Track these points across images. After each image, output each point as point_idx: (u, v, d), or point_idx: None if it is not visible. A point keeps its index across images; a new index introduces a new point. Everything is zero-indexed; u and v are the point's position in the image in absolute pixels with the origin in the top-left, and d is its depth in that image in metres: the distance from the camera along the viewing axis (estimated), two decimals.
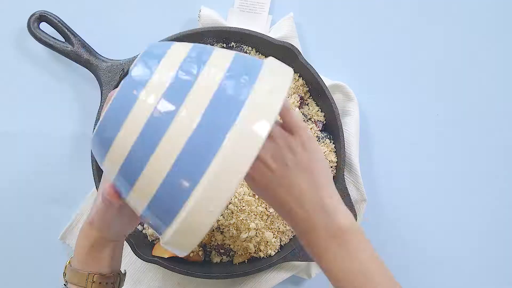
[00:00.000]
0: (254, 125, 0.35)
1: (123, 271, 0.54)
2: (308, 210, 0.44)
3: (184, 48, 0.39)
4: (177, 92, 0.35)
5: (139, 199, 0.38)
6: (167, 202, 0.36)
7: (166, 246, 0.39)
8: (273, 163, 0.44)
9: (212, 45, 0.70)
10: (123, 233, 0.52)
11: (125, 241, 0.65)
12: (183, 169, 0.34)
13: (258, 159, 0.44)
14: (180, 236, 0.36)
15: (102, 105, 0.66)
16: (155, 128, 0.35)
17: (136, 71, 0.37)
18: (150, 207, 0.37)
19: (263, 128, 0.35)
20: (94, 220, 0.49)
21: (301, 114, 0.69)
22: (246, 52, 0.70)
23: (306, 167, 0.45)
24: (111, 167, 0.39)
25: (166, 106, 0.35)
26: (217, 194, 0.34)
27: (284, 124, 0.47)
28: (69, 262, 0.51)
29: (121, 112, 0.36)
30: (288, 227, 0.68)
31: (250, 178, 0.45)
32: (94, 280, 0.49)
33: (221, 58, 0.39)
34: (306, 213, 0.44)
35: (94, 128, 0.65)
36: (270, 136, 0.45)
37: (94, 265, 0.50)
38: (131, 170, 0.37)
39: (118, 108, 0.36)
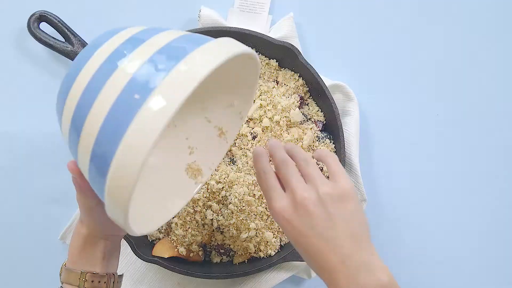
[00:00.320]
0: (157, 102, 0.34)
1: (119, 273, 0.54)
2: (349, 266, 0.42)
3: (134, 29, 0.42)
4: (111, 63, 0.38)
5: (83, 160, 0.39)
6: (101, 162, 0.37)
7: (110, 216, 0.39)
8: (315, 210, 0.43)
9: None
10: (113, 232, 0.51)
11: (125, 241, 0.66)
12: (108, 130, 0.36)
13: (298, 200, 0.43)
14: (112, 196, 0.36)
15: None
16: (94, 87, 0.37)
17: (93, 43, 0.41)
18: (91, 168, 0.38)
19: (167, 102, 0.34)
20: (82, 216, 0.50)
21: (301, 114, 0.69)
22: None
23: (349, 219, 0.44)
24: (64, 128, 0.41)
25: (103, 71, 0.38)
26: (136, 150, 0.34)
27: (329, 171, 0.46)
28: (64, 264, 0.52)
29: (75, 71, 0.40)
30: None
31: (288, 223, 0.44)
32: (87, 278, 0.49)
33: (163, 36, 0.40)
34: (346, 268, 0.42)
35: None
36: (314, 182, 0.44)
37: (86, 263, 0.50)
38: (76, 127, 0.39)
39: (73, 68, 0.41)
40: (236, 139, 0.68)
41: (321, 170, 0.64)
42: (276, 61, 0.70)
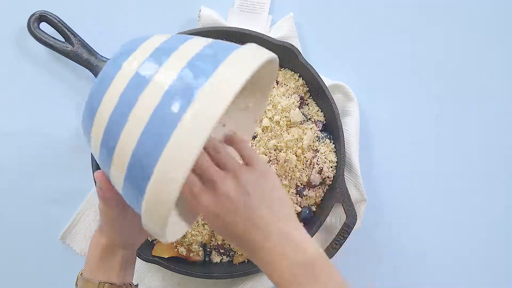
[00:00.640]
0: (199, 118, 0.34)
1: (135, 283, 0.54)
2: (275, 242, 0.44)
3: (162, 37, 0.41)
4: (144, 75, 0.38)
5: (117, 173, 0.38)
6: (138, 175, 0.36)
7: (146, 227, 0.39)
8: (235, 196, 0.44)
9: None
10: (132, 241, 0.51)
11: None
12: (146, 145, 0.36)
13: (220, 193, 0.44)
14: (151, 208, 0.36)
15: None
16: (127, 101, 0.37)
17: (116, 56, 0.41)
18: (126, 182, 0.38)
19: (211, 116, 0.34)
20: (102, 226, 0.49)
21: (301, 114, 0.69)
22: None
23: (269, 198, 0.45)
24: (95, 142, 0.40)
25: (137, 82, 0.38)
26: (176, 164, 0.34)
27: (242, 157, 0.48)
28: (81, 273, 0.51)
29: (102, 87, 0.39)
30: None
31: (216, 216, 0.44)
32: None
33: (192, 45, 0.39)
34: (272, 244, 0.44)
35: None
36: (228, 171, 0.45)
37: (104, 274, 0.49)
38: (108, 141, 0.38)
39: (99, 85, 0.40)
40: None
41: None
42: None
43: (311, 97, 0.71)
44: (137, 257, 0.66)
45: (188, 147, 0.33)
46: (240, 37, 0.69)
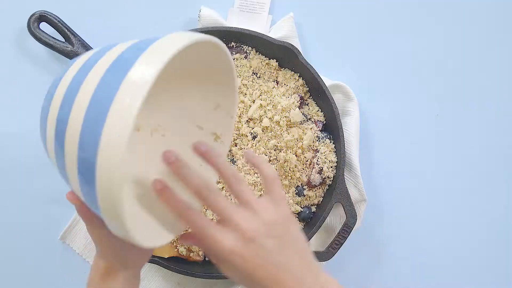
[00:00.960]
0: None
1: None
2: (305, 285, 0.42)
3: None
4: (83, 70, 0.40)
5: (72, 173, 0.40)
6: (86, 164, 0.37)
7: (108, 224, 0.39)
8: (265, 241, 0.42)
9: None
10: (132, 261, 0.49)
11: None
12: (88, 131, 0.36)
13: (247, 236, 0.41)
14: (104, 189, 0.36)
15: None
16: (70, 94, 0.39)
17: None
18: (79, 178, 0.39)
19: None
20: (97, 248, 0.48)
21: (301, 114, 0.69)
22: (246, 52, 0.70)
23: (296, 243, 0.44)
24: (49, 144, 0.44)
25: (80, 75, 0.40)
26: (115, 138, 0.34)
27: (267, 187, 0.45)
28: None
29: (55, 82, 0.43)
30: None
31: (242, 259, 0.42)
32: None
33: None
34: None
35: None
36: (255, 210, 0.43)
37: None
38: (59, 143, 0.41)
39: (50, 90, 0.44)
40: (236, 139, 0.68)
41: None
42: (276, 61, 0.70)
43: (311, 97, 0.71)
44: None
45: (124, 119, 0.34)
46: (240, 37, 0.69)
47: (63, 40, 0.68)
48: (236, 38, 0.69)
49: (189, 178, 0.42)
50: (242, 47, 0.70)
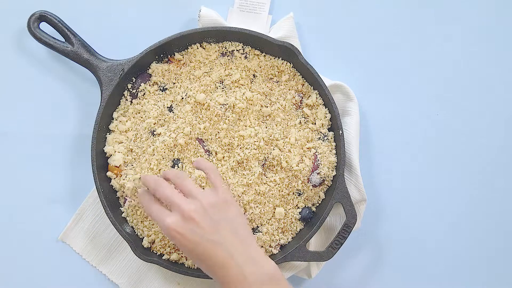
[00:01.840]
0: None
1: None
2: (239, 262, 0.50)
3: None
4: None
5: None
6: None
7: None
8: (202, 219, 0.51)
9: (211, 44, 0.70)
10: None
11: (125, 241, 0.66)
12: None
13: (186, 215, 0.51)
14: None
15: (102, 105, 0.66)
16: None
17: None
18: None
19: None
20: None
21: (301, 114, 0.69)
22: (245, 52, 0.70)
23: (232, 222, 0.52)
24: None
25: None
26: None
27: (209, 181, 0.55)
28: None
29: None
30: (289, 227, 0.68)
31: (181, 235, 0.51)
32: None
33: None
34: (237, 265, 0.50)
35: (94, 128, 0.65)
36: (195, 196, 0.52)
37: None
38: None
39: None
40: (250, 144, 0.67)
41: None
42: (276, 61, 0.70)
43: (310, 97, 0.71)
44: (137, 257, 0.66)
45: None
46: (240, 37, 0.69)
47: (63, 40, 0.68)
48: (236, 38, 0.69)
49: (143, 180, 0.58)
50: (242, 47, 0.70)
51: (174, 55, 0.70)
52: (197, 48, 0.70)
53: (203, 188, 0.60)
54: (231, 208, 0.53)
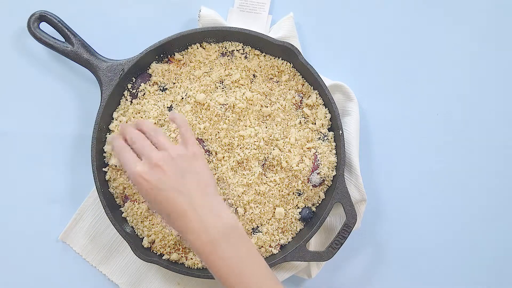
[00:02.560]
0: None
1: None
2: (200, 213, 0.51)
3: None
4: None
5: None
6: None
7: None
8: (168, 168, 0.53)
9: (211, 44, 0.70)
10: None
11: (125, 241, 0.66)
12: None
13: (153, 163, 0.53)
14: None
15: (102, 105, 0.66)
16: None
17: None
18: None
19: None
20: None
21: (301, 114, 0.69)
22: (245, 52, 0.70)
23: (195, 173, 0.54)
24: None
25: None
26: None
27: (180, 134, 0.57)
28: None
29: None
30: (289, 227, 0.68)
31: (146, 182, 0.52)
32: None
33: None
34: (198, 215, 0.51)
35: (94, 128, 0.65)
36: (166, 148, 0.54)
37: None
38: None
39: None
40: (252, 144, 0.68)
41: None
42: (276, 61, 0.70)
43: (310, 97, 0.71)
44: (137, 257, 0.66)
45: None
46: (240, 37, 0.69)
47: (63, 40, 0.68)
48: (236, 38, 0.69)
49: (121, 128, 0.59)
50: (242, 47, 0.70)
51: (174, 55, 0.70)
52: (197, 48, 0.70)
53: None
54: (199, 162, 0.55)
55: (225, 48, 0.70)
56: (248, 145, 0.67)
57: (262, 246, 0.67)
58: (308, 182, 0.68)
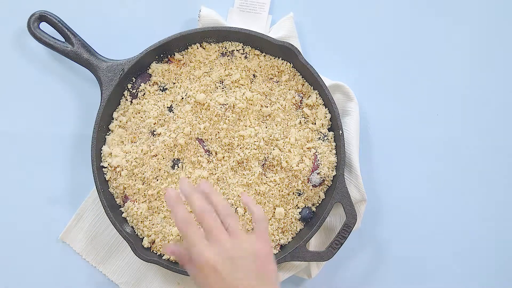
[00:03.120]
0: None
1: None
2: None
3: None
4: None
5: None
6: None
7: None
8: (242, 264, 0.49)
9: (211, 44, 0.70)
10: None
11: (125, 241, 0.66)
12: None
13: (230, 255, 0.48)
14: None
15: (102, 105, 0.66)
16: None
17: None
18: None
19: None
20: None
21: (301, 114, 0.69)
22: (245, 52, 0.70)
23: (268, 278, 0.50)
24: None
25: None
26: None
27: (255, 227, 0.52)
28: None
29: None
30: (289, 227, 0.68)
31: (212, 269, 0.48)
32: None
33: None
34: None
35: (94, 128, 0.65)
36: (234, 234, 0.50)
37: None
38: None
39: None
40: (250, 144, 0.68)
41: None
42: (276, 61, 0.70)
43: (310, 97, 0.71)
44: (137, 257, 0.66)
45: None
46: (240, 37, 0.69)
47: (63, 40, 0.68)
48: (236, 38, 0.69)
49: (192, 202, 0.51)
50: (242, 47, 0.70)
51: (174, 55, 0.70)
52: (197, 48, 0.70)
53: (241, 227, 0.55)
54: (270, 265, 0.51)
55: (225, 48, 0.70)
56: (248, 145, 0.67)
57: None
58: (308, 182, 0.68)
